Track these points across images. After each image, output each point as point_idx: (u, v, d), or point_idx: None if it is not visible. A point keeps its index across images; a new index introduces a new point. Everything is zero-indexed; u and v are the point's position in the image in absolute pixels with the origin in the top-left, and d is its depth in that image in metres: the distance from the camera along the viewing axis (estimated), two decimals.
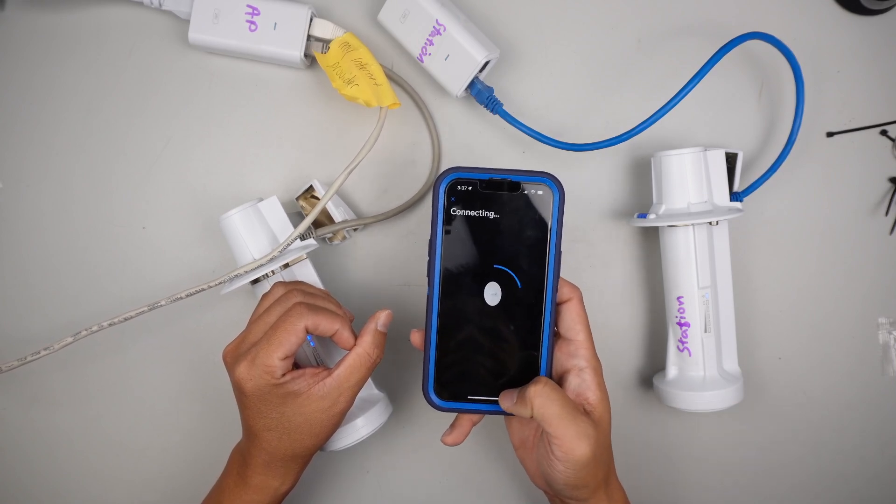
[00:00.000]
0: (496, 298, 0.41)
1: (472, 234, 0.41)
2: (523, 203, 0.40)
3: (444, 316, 0.41)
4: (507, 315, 0.41)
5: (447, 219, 0.41)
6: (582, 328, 0.42)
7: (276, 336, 0.42)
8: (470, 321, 0.41)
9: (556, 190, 0.40)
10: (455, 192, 0.40)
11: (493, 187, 0.40)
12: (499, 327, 0.41)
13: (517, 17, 0.55)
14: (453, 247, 0.41)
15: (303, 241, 0.50)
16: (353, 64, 0.51)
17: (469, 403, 0.42)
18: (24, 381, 0.55)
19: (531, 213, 0.41)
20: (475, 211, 0.41)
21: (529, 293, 0.41)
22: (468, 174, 0.40)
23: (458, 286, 0.41)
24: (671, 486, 0.56)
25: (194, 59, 0.55)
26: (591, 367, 0.42)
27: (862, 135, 0.55)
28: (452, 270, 0.41)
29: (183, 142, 0.56)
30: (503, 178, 0.40)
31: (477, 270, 0.41)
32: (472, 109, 0.55)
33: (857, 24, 0.55)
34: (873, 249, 0.55)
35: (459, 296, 0.41)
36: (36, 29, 0.56)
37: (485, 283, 0.41)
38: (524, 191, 0.40)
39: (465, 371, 0.42)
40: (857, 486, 0.56)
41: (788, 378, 0.56)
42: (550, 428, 0.39)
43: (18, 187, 0.56)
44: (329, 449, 0.50)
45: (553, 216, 0.41)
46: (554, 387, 0.40)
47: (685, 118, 0.55)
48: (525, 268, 0.41)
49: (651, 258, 0.55)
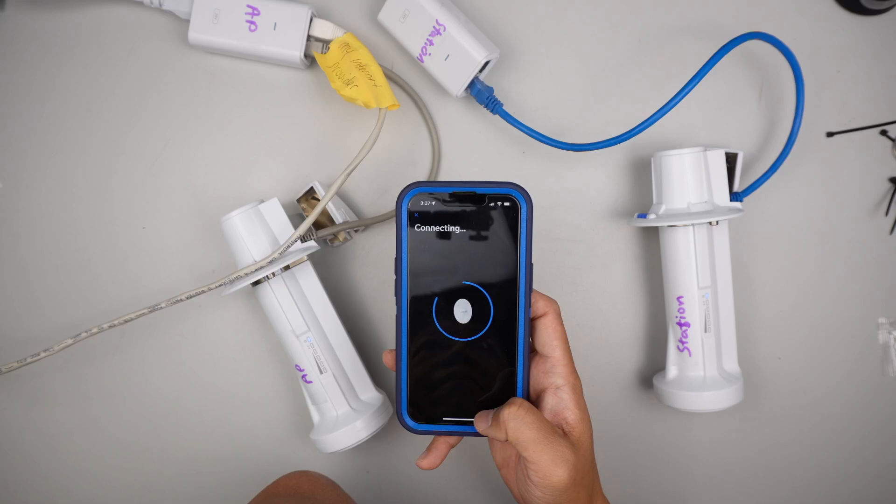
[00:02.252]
0: (467, 316, 0.40)
1: (438, 251, 0.39)
2: (490, 216, 0.39)
3: (413, 336, 0.40)
4: (479, 333, 0.40)
5: (412, 236, 0.39)
6: (559, 344, 0.40)
7: None
8: (441, 341, 0.40)
9: (524, 200, 0.39)
10: (418, 207, 0.39)
11: (458, 200, 0.39)
12: (471, 346, 0.40)
13: (517, 17, 0.55)
14: (420, 264, 0.39)
15: (303, 243, 0.50)
16: (352, 64, 0.51)
17: (445, 426, 0.41)
18: (24, 382, 0.55)
19: (499, 226, 0.39)
20: (440, 226, 0.39)
21: (502, 309, 0.40)
22: (431, 188, 0.39)
23: (426, 305, 0.40)
24: (671, 486, 0.56)
25: (194, 59, 0.55)
26: (569, 384, 0.40)
27: (862, 135, 0.55)
28: (420, 289, 0.40)
29: (183, 142, 0.56)
30: (467, 192, 0.39)
31: (445, 288, 0.39)
32: (472, 109, 0.55)
33: (857, 24, 0.55)
34: (873, 249, 0.55)
35: (429, 315, 0.40)
36: (36, 29, 0.56)
37: (454, 300, 0.40)
38: (490, 203, 0.39)
39: (439, 392, 0.40)
40: (858, 486, 0.56)
41: (788, 378, 0.56)
42: (526, 453, 0.37)
43: (18, 187, 0.56)
44: (330, 450, 0.50)
45: (521, 228, 0.39)
46: (529, 408, 0.38)
47: (685, 118, 0.55)
48: (496, 283, 0.39)
49: (651, 258, 0.55)
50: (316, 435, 0.51)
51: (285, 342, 0.50)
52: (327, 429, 0.50)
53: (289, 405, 0.55)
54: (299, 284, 0.51)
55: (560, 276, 0.55)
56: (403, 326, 0.40)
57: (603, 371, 0.56)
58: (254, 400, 0.55)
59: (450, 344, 0.40)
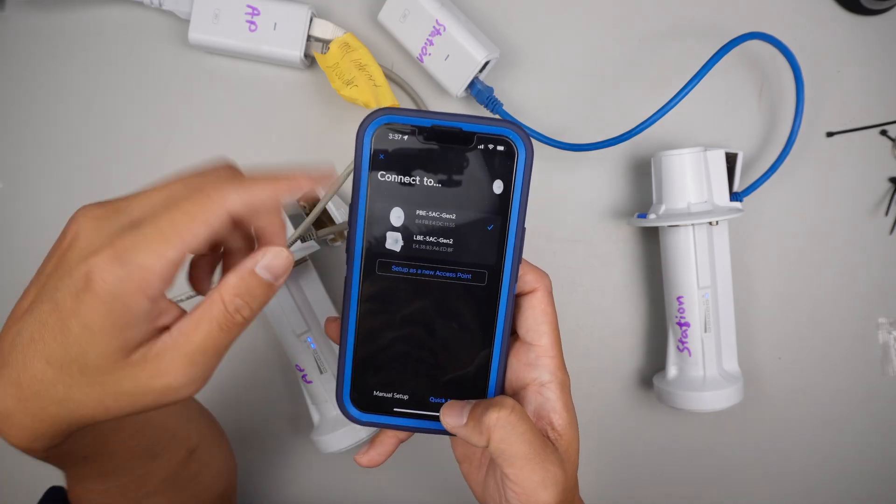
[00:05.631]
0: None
1: (406, 202, 0.31)
2: (477, 162, 0.31)
3: (366, 304, 0.32)
4: (451, 307, 0.32)
5: (374, 182, 0.31)
6: (548, 329, 0.33)
7: (176, 216, 0.26)
8: (401, 312, 0.32)
9: (522, 145, 0.31)
10: (385, 144, 0.31)
11: (438, 139, 0.31)
12: (438, 321, 0.33)
13: (517, 17, 0.55)
14: (381, 217, 0.32)
15: (304, 243, 0.50)
16: (352, 65, 0.51)
17: (396, 418, 0.33)
18: None
19: (487, 176, 0.31)
20: (411, 170, 0.31)
21: (480, 279, 0.32)
22: (404, 118, 0.31)
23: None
24: (671, 486, 0.56)
25: (194, 58, 0.55)
26: (557, 381, 0.33)
27: (862, 135, 0.55)
28: (379, 248, 0.32)
29: (183, 142, 0.55)
30: (450, 126, 0.31)
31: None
32: (473, 109, 0.55)
33: (858, 24, 0.55)
34: (873, 249, 0.55)
35: (387, 279, 0.32)
36: (36, 29, 0.56)
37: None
38: (479, 146, 0.31)
39: (393, 375, 0.33)
40: (858, 486, 0.56)
41: (788, 378, 0.56)
42: (510, 469, 0.31)
43: (18, 187, 0.56)
44: (330, 450, 0.50)
45: (516, 181, 0.31)
46: (521, 415, 0.31)
47: (685, 118, 0.55)
48: (476, 248, 0.32)
49: (651, 258, 0.55)
50: (316, 435, 0.51)
51: (285, 342, 0.50)
52: (327, 429, 0.50)
53: (289, 405, 0.55)
54: (299, 284, 0.51)
55: (560, 276, 0.55)
56: (354, 290, 0.32)
57: (603, 371, 0.56)
58: (254, 400, 0.55)
59: (411, 317, 0.33)
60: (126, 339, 0.26)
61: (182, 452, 0.41)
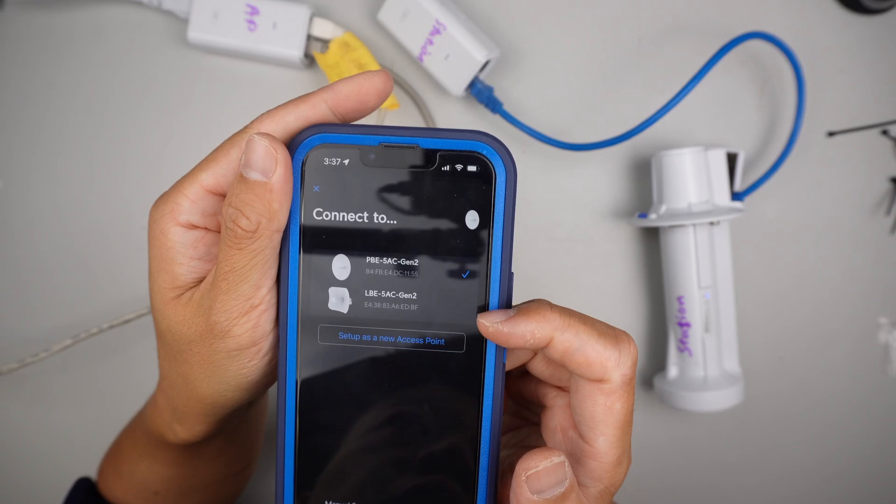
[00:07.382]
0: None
1: (353, 248, 0.24)
2: (443, 189, 0.23)
3: (307, 386, 0.25)
4: (419, 384, 0.25)
5: (309, 222, 0.24)
6: (609, 430, 0.25)
7: (211, 155, 0.26)
8: (353, 396, 0.25)
9: (501, 164, 0.23)
10: (321, 171, 0.24)
11: (390, 161, 0.23)
12: (403, 406, 0.25)
13: (517, 16, 0.55)
14: (321, 267, 0.24)
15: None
16: (352, 64, 0.51)
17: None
18: (23, 382, 0.55)
19: (457, 207, 0.24)
20: (359, 207, 0.24)
21: (456, 345, 0.25)
22: (343, 136, 0.24)
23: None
24: (671, 486, 0.56)
25: (194, 58, 0.55)
26: (597, 490, 0.26)
27: (863, 135, 0.55)
28: (319, 307, 0.25)
29: (182, 141, 0.55)
30: (406, 143, 0.23)
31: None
32: (473, 109, 0.55)
33: (858, 23, 0.55)
34: (873, 249, 0.55)
35: (333, 351, 0.25)
36: (35, 28, 0.56)
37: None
38: (444, 166, 0.23)
39: (349, 484, 0.25)
40: (859, 486, 0.56)
41: (789, 378, 0.56)
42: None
43: (18, 187, 0.55)
44: None
45: (496, 211, 0.23)
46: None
47: (685, 118, 0.55)
48: (448, 303, 0.24)
49: (651, 258, 0.55)
50: None
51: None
52: None
53: None
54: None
55: (560, 276, 0.55)
56: (290, 373, 0.25)
57: None
58: None
59: (370, 405, 0.25)
60: (174, 276, 0.26)
61: (235, 467, 0.42)
